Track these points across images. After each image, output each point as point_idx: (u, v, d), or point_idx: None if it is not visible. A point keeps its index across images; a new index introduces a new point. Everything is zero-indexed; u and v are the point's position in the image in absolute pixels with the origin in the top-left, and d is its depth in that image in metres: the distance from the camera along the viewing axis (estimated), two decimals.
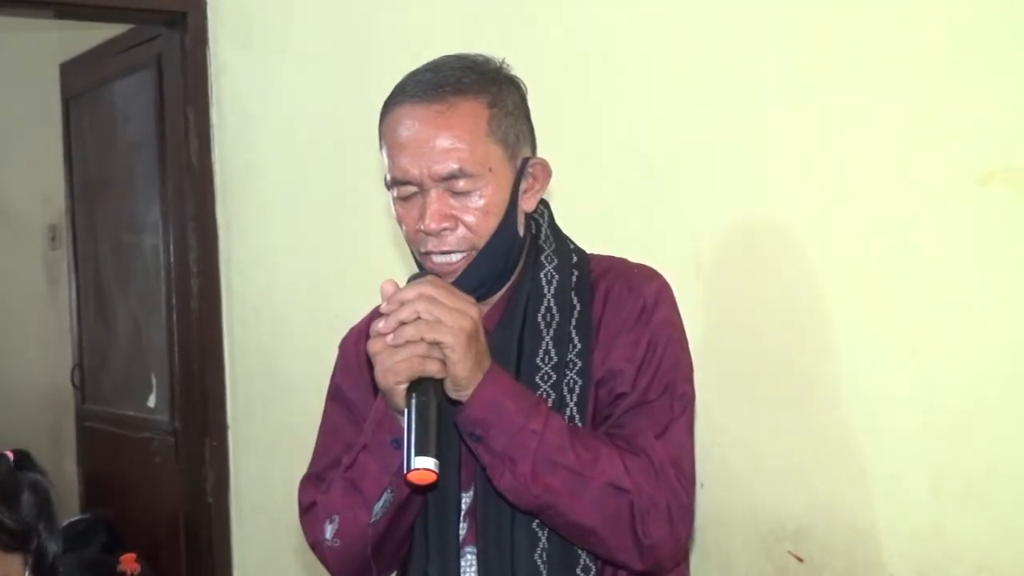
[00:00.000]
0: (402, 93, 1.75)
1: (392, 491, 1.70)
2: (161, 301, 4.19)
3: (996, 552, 1.90)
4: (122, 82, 4.40)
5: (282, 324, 3.71)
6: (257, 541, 3.92)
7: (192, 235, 4.00)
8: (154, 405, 4.29)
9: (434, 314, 1.59)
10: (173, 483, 4.15)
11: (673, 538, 1.71)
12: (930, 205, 1.97)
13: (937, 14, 1.95)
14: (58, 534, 1.80)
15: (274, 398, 3.75)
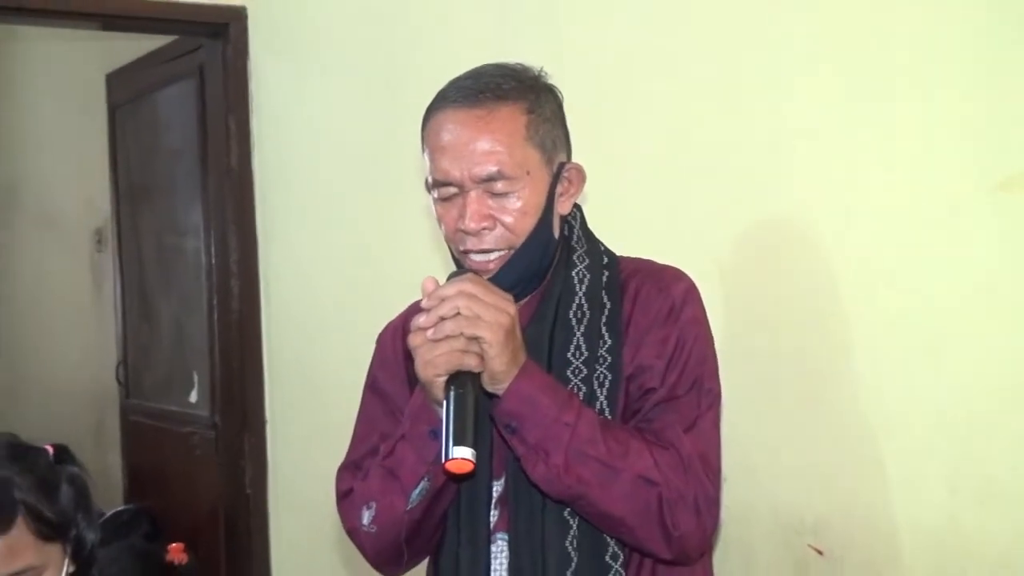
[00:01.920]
0: (444, 99, 1.76)
1: (428, 479, 1.70)
2: (202, 301, 4.20)
3: (1014, 549, 1.90)
4: (165, 91, 4.41)
5: (318, 323, 3.72)
6: (293, 531, 3.93)
7: (232, 237, 4.01)
8: (195, 400, 4.30)
9: (473, 310, 1.59)
10: (213, 475, 4.16)
11: (700, 529, 1.70)
12: (950, 209, 1.96)
13: (958, 19, 1.94)
14: (96, 524, 1.79)
15: (310, 394, 3.77)
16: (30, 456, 1.72)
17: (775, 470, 2.25)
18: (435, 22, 3.16)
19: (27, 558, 1.63)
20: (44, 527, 1.65)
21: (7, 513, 1.62)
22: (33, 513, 1.64)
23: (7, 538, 1.61)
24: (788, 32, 2.22)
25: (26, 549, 1.63)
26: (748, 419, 2.18)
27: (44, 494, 1.67)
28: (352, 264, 3.55)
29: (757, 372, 2.24)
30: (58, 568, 1.68)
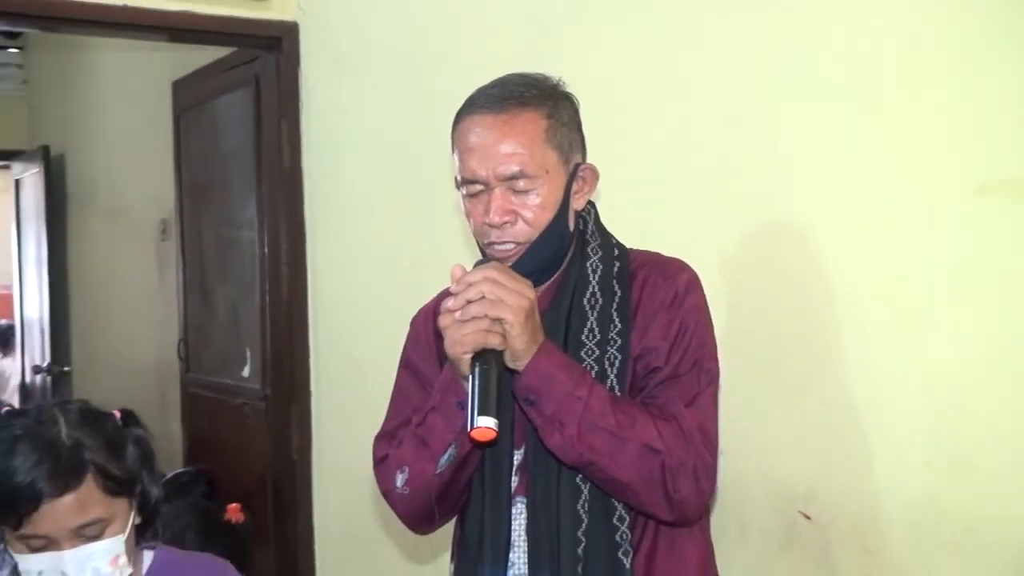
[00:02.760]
0: (472, 105, 1.77)
1: (456, 446, 1.72)
2: (255, 286, 4.21)
3: (982, 517, 1.89)
4: (225, 98, 4.43)
5: (358, 307, 3.73)
6: (334, 494, 3.95)
7: (283, 230, 4.02)
8: (248, 375, 4.32)
9: (496, 294, 1.61)
10: (263, 442, 4.18)
11: (698, 494, 1.71)
12: (931, 211, 1.95)
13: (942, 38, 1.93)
14: (159, 481, 1.81)
15: (350, 370, 3.78)
16: (99, 420, 1.73)
17: (768, 444, 2.25)
18: (465, 37, 3.17)
19: (97, 511, 1.64)
20: (111, 483, 1.66)
21: (78, 471, 1.63)
22: (101, 471, 1.65)
23: (78, 493, 1.62)
24: (786, 49, 2.22)
25: (96, 503, 1.64)
26: (745, 398, 2.18)
27: (111, 454, 1.68)
28: (389, 254, 3.55)
29: (753, 356, 2.24)
30: (125, 520, 1.69)
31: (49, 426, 1.66)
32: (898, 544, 2.03)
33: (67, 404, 1.73)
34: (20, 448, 1.62)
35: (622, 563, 1.71)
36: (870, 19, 2.05)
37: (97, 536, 1.64)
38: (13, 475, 1.60)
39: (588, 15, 2.71)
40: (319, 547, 4.02)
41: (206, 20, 3.77)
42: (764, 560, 2.27)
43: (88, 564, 1.64)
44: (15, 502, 1.60)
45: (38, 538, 1.62)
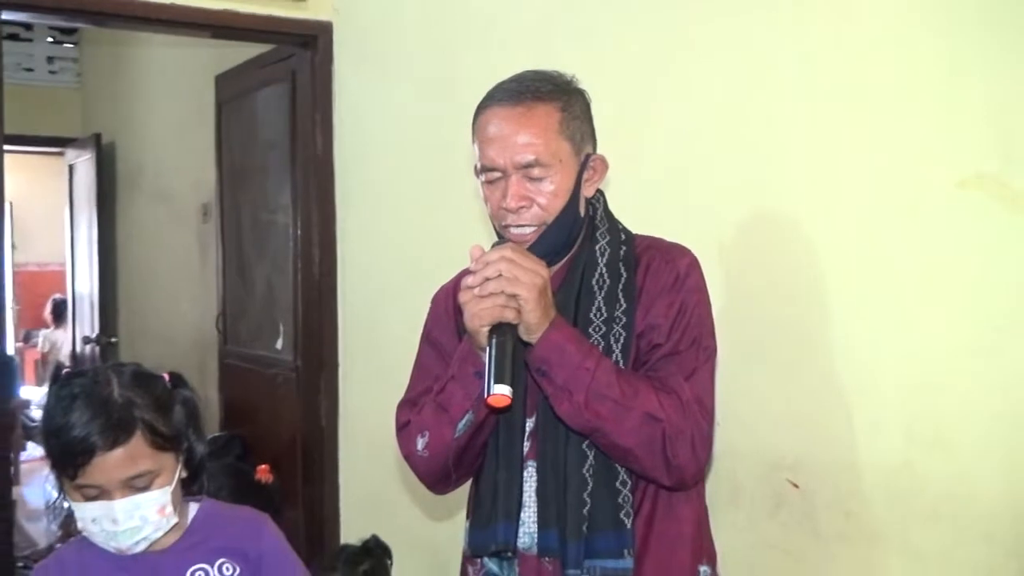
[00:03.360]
0: (492, 98, 1.78)
1: (473, 413, 1.72)
2: (288, 265, 4.22)
3: (955, 487, 1.90)
4: (263, 91, 4.43)
5: (383, 285, 3.74)
6: (359, 457, 3.96)
7: (315, 214, 4.02)
8: (281, 347, 4.33)
9: (512, 272, 1.62)
10: (293, 410, 4.19)
11: (695, 461, 1.71)
12: (915, 202, 1.95)
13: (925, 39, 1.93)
14: (204, 439, 1.82)
15: (376, 344, 3.79)
16: (150, 381, 1.74)
17: (760, 417, 2.25)
18: (485, 37, 3.17)
19: (145, 464, 1.65)
20: (159, 439, 1.67)
21: (128, 427, 1.64)
22: (150, 428, 1.66)
23: (128, 447, 1.63)
24: (780, 54, 2.21)
25: (144, 457, 1.65)
26: (739, 374, 2.18)
27: (160, 412, 1.69)
28: (413, 236, 3.56)
29: (747, 336, 2.24)
30: (171, 473, 1.70)
31: (104, 386, 1.67)
32: (877, 511, 2.03)
33: (121, 366, 1.74)
34: (77, 405, 1.64)
35: (624, 523, 1.72)
36: (859, 25, 2.05)
37: (146, 487, 1.66)
38: (70, 430, 1.62)
39: (599, 19, 2.71)
40: (344, 506, 4.03)
41: (247, 19, 3.78)
42: (754, 523, 2.28)
43: (137, 512, 1.65)
44: (71, 454, 1.62)
45: (92, 488, 1.64)
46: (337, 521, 4.03)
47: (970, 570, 1.87)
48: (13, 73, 7.55)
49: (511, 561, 1.80)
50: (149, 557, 1.72)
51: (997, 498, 1.83)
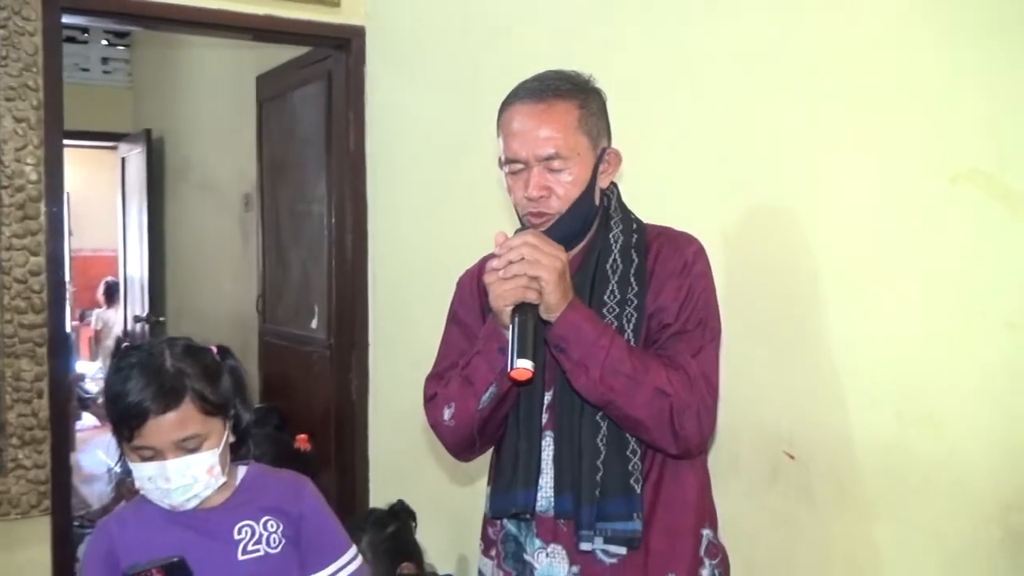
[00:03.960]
0: (515, 96, 1.78)
1: (496, 385, 1.73)
2: (323, 252, 4.23)
3: (944, 462, 1.89)
4: (301, 91, 4.43)
5: (411, 269, 3.75)
6: (387, 428, 3.97)
7: (348, 204, 4.02)
8: (315, 327, 4.34)
9: (534, 256, 1.62)
10: (327, 384, 4.20)
11: (700, 432, 1.71)
12: (909, 197, 1.94)
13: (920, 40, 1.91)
14: (250, 407, 1.84)
15: (403, 324, 3.79)
16: (200, 353, 1.76)
17: (761, 394, 2.25)
18: (508, 41, 3.15)
19: (194, 428, 1.68)
20: (207, 405, 1.69)
21: (179, 394, 1.67)
22: (198, 395, 1.68)
23: (179, 412, 1.66)
24: (782, 55, 2.20)
25: (193, 421, 1.68)
26: (741, 353, 2.17)
27: (208, 381, 1.71)
28: (438, 225, 3.56)
29: (749, 319, 2.23)
30: (219, 437, 1.72)
31: (158, 357, 1.70)
32: (870, 483, 2.02)
33: (174, 340, 1.77)
34: (133, 374, 1.67)
35: (633, 489, 1.72)
36: (859, 28, 2.03)
37: (195, 449, 1.68)
38: (127, 396, 1.65)
39: (612, 24, 2.70)
40: (373, 473, 4.05)
41: (286, 23, 3.77)
42: (753, 492, 2.27)
43: (188, 472, 1.68)
44: (128, 418, 1.65)
45: (147, 449, 1.67)
46: (366, 487, 4.05)
47: (956, 539, 1.86)
48: (71, 73, 7.60)
49: (529, 523, 1.81)
50: (200, 513, 1.74)
51: (982, 473, 1.82)
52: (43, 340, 3.20)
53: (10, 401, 3.16)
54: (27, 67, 3.15)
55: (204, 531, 1.73)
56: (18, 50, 3.13)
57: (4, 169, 3.12)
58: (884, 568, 1.99)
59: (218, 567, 1.71)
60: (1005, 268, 1.78)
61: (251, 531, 1.75)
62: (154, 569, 1.60)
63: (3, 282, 3.13)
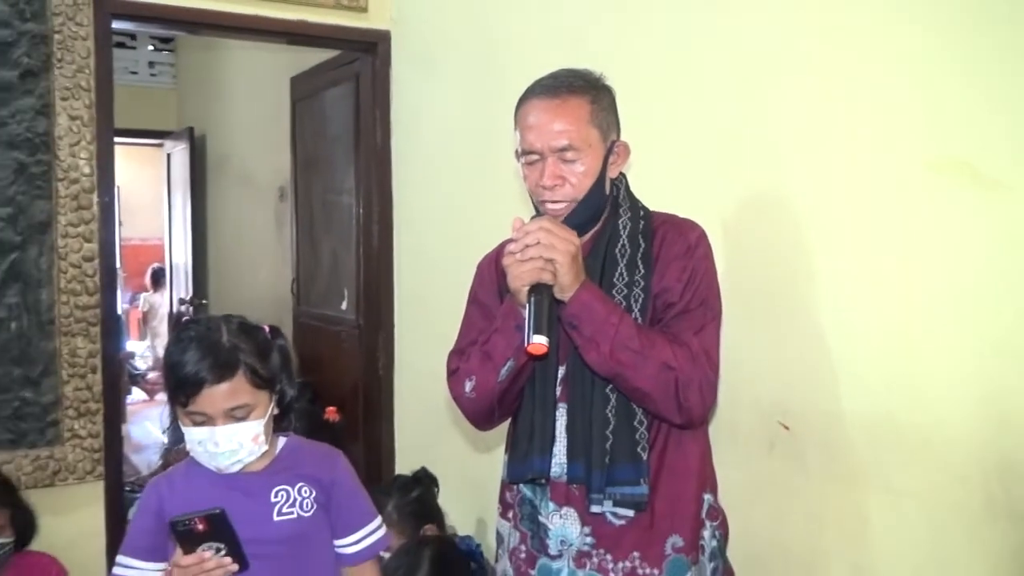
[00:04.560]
0: (532, 92, 1.77)
1: (514, 360, 1.72)
2: (352, 239, 4.22)
3: (931, 434, 1.87)
4: (331, 91, 4.42)
5: (433, 256, 3.74)
6: (411, 401, 3.98)
7: (375, 196, 4.02)
8: (345, 308, 4.34)
9: (549, 240, 1.61)
10: (356, 361, 4.21)
11: (702, 404, 1.71)
12: (893, 183, 1.92)
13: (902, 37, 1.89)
14: (294, 383, 1.85)
15: (425, 306, 3.79)
16: (253, 331, 1.78)
17: (758, 369, 2.23)
18: (522, 42, 3.13)
19: (244, 398, 1.69)
20: (257, 379, 1.71)
21: (233, 366, 1.69)
22: (250, 369, 1.70)
23: (231, 383, 1.68)
24: (779, 55, 2.18)
25: (243, 392, 1.69)
26: (741, 332, 2.15)
27: (259, 357, 1.73)
28: (459, 213, 3.55)
29: (747, 299, 2.21)
30: (265, 409, 1.73)
31: (215, 332, 1.72)
32: (860, 453, 2.01)
33: (231, 317, 1.78)
34: (192, 347, 1.69)
35: (640, 456, 1.72)
36: (850, 27, 2.01)
37: (243, 418, 1.69)
38: (185, 365, 1.67)
39: (622, 27, 2.68)
40: (398, 441, 4.05)
41: (318, 28, 3.76)
42: (751, 461, 2.26)
43: (235, 438, 1.69)
44: (184, 386, 1.67)
45: (199, 415, 1.68)
46: (392, 455, 4.05)
47: (941, 506, 1.84)
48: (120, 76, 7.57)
49: (544, 487, 1.81)
50: (242, 477, 1.75)
51: (964, 443, 1.80)
52: (96, 320, 3.21)
53: (67, 376, 3.17)
54: (80, 69, 3.15)
55: (245, 492, 1.75)
56: (72, 53, 3.13)
57: (60, 163, 3.13)
58: (872, 532, 1.98)
59: (256, 525, 1.72)
60: (983, 249, 1.76)
61: (286, 495, 1.76)
62: (197, 518, 1.61)
63: (60, 267, 3.14)
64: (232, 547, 1.63)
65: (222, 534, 1.62)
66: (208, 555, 1.62)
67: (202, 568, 1.62)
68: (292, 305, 5.04)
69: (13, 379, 3.09)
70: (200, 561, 1.62)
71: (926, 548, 1.87)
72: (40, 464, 3.14)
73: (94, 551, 3.25)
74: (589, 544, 1.76)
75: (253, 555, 1.68)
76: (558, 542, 1.78)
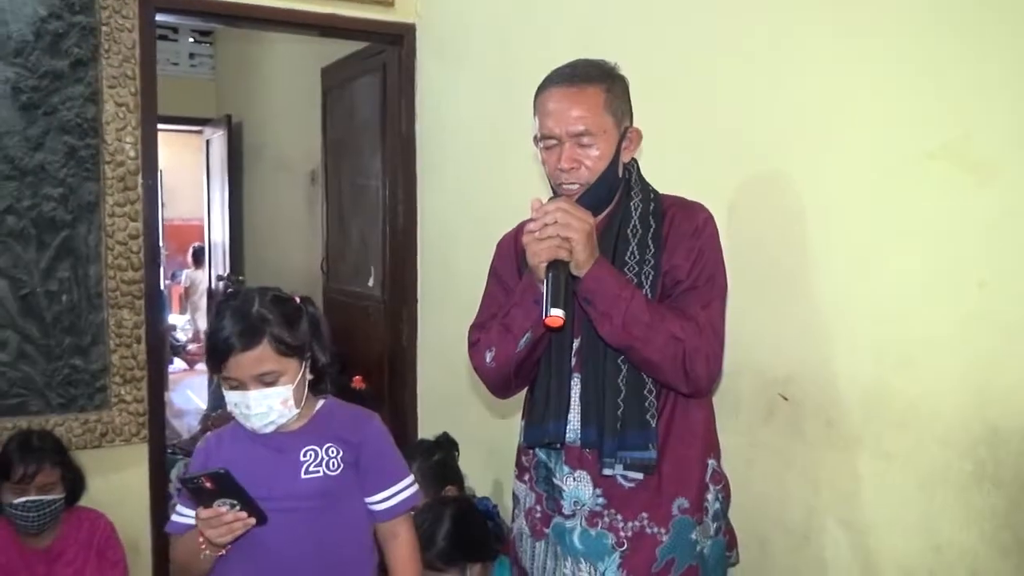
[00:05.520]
0: (550, 80, 1.76)
1: (531, 332, 1.72)
2: (378, 220, 4.21)
3: (919, 401, 1.86)
4: (360, 80, 4.40)
5: (454, 236, 3.73)
6: (433, 371, 3.98)
7: (400, 180, 4.00)
8: (372, 285, 4.34)
9: (566, 220, 1.61)
10: (382, 334, 4.21)
11: (708, 375, 1.70)
12: (890, 168, 1.90)
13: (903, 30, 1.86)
14: (326, 351, 1.84)
15: (447, 283, 3.79)
16: (283, 302, 1.78)
17: (758, 342, 2.22)
18: (540, 34, 3.11)
19: (270, 365, 1.70)
20: (282, 347, 1.71)
21: (258, 335, 1.70)
22: (275, 338, 1.70)
23: (257, 351, 1.69)
24: (784, 42, 2.15)
25: (269, 360, 1.70)
26: (743, 306, 2.14)
27: (286, 326, 1.72)
28: (479, 195, 3.54)
29: (750, 277, 2.19)
30: (294, 375, 1.73)
31: (248, 303, 1.73)
32: (854, 420, 2.00)
33: (266, 289, 1.79)
34: (227, 316, 1.71)
35: (649, 423, 1.72)
36: (849, 19, 1.98)
37: (273, 383, 1.70)
38: (219, 332, 1.70)
39: (632, 19, 2.65)
40: (421, 408, 4.06)
41: (347, 20, 3.74)
42: (751, 428, 2.25)
43: (265, 402, 1.70)
44: (217, 351, 1.70)
45: (232, 379, 1.70)
46: (415, 421, 4.06)
47: (930, 470, 1.83)
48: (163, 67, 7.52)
49: (558, 452, 1.81)
50: (276, 436, 1.76)
51: (953, 410, 1.79)
52: (141, 294, 3.23)
53: (114, 345, 3.19)
54: (126, 59, 3.15)
55: (277, 451, 1.76)
56: (119, 44, 3.13)
57: (107, 146, 3.13)
58: (865, 495, 1.97)
59: (285, 482, 1.74)
60: (975, 232, 1.74)
61: (314, 454, 1.76)
62: (203, 477, 1.61)
63: (107, 244, 3.15)
64: (244, 503, 1.64)
65: (230, 492, 1.63)
66: (224, 509, 1.64)
67: (221, 521, 1.64)
68: (322, 282, 5.03)
69: (64, 348, 3.12)
70: (217, 515, 1.64)
71: (915, 508, 1.86)
72: (89, 427, 3.17)
73: (138, 507, 3.29)
74: (600, 505, 1.77)
75: (282, 509, 1.69)
76: (571, 503, 1.79)
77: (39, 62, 3.03)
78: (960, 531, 1.78)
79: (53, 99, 3.05)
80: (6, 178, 3.00)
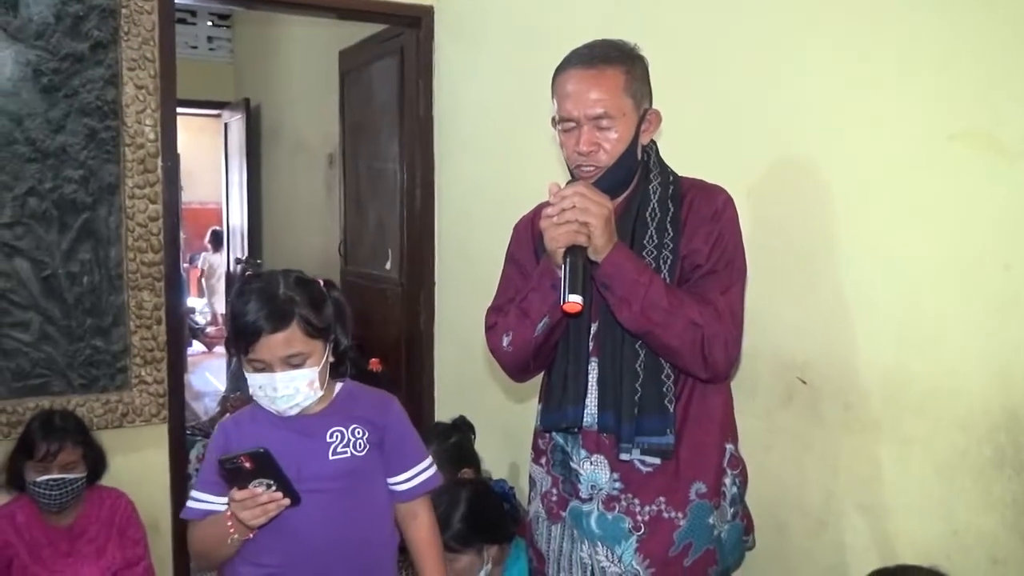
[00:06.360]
0: (569, 62, 1.74)
1: (549, 316, 1.71)
2: (396, 203, 4.21)
3: (941, 382, 1.84)
4: (378, 63, 4.39)
5: (472, 218, 3.72)
6: (450, 354, 3.99)
7: (418, 163, 3.99)
8: (389, 268, 4.34)
9: (584, 204, 1.59)
10: (399, 317, 4.22)
11: (726, 359, 1.69)
12: (913, 151, 1.87)
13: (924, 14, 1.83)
14: (348, 333, 1.84)
15: (464, 266, 3.78)
16: (308, 284, 1.78)
17: (777, 326, 2.21)
18: (557, 16, 3.09)
19: (298, 347, 1.70)
20: (310, 328, 1.71)
21: (287, 317, 1.69)
22: (304, 320, 1.70)
23: (287, 332, 1.69)
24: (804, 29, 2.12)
25: (298, 341, 1.70)
26: (762, 291, 2.12)
27: (313, 308, 1.72)
28: (495, 180, 3.53)
29: (770, 261, 2.18)
30: (320, 357, 1.74)
31: (274, 285, 1.72)
32: (873, 405, 1.99)
33: (289, 272, 1.79)
34: (252, 298, 1.69)
35: (667, 408, 1.71)
36: (874, 3, 1.95)
37: (299, 365, 1.70)
38: (245, 315, 1.68)
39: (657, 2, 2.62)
40: (438, 391, 4.07)
41: (365, 3, 3.73)
42: (770, 413, 2.24)
43: (291, 384, 1.70)
44: (244, 334, 1.68)
45: (259, 362, 1.70)
46: (433, 404, 4.07)
47: (949, 455, 1.82)
48: (182, 51, 7.57)
49: (576, 436, 1.80)
50: (300, 419, 1.76)
51: (973, 395, 1.77)
52: (160, 276, 3.24)
53: (134, 327, 3.21)
54: (145, 41, 3.14)
55: (303, 433, 1.76)
56: (138, 27, 3.13)
57: (127, 129, 3.14)
58: (884, 480, 1.96)
59: (313, 463, 1.74)
60: (1000, 215, 1.72)
61: (340, 435, 1.77)
62: (243, 456, 1.61)
63: (128, 225, 3.17)
64: (281, 483, 1.64)
65: (269, 472, 1.62)
66: (260, 490, 1.63)
67: (256, 502, 1.63)
68: (340, 265, 5.04)
69: (86, 329, 3.14)
70: (253, 496, 1.63)
71: (934, 493, 1.85)
72: (110, 407, 3.19)
73: (158, 486, 3.31)
74: (618, 489, 1.76)
75: (311, 490, 1.70)
76: (588, 487, 1.78)
77: (59, 44, 3.03)
78: (979, 516, 1.77)
79: (74, 81, 3.05)
80: (28, 160, 3.01)
